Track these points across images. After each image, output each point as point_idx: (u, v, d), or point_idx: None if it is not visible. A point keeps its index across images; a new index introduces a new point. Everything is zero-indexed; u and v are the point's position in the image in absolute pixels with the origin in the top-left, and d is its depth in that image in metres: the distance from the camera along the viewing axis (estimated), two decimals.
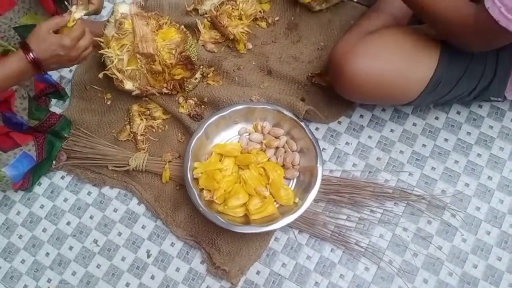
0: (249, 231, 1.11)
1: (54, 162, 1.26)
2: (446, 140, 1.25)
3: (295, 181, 1.20)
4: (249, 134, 1.25)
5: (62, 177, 1.27)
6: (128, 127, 1.28)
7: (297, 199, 1.15)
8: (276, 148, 1.22)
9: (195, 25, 1.37)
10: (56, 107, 1.34)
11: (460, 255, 1.15)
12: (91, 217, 1.23)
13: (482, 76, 1.12)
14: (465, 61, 1.10)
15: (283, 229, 1.17)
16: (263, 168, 1.18)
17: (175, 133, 1.28)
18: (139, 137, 1.26)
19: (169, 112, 1.29)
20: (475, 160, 1.23)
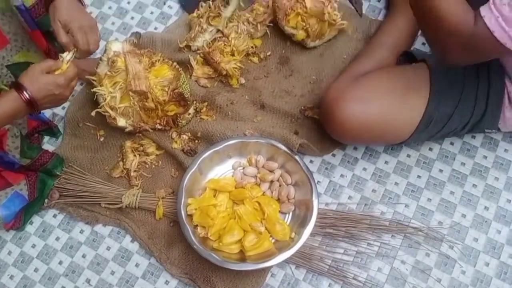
0: (245, 268, 1.08)
1: (46, 200, 1.24)
2: (441, 171, 1.25)
3: (290, 215, 1.19)
4: (243, 168, 1.24)
5: (54, 216, 1.25)
6: (121, 163, 1.27)
7: (293, 234, 1.13)
8: (270, 182, 1.21)
9: (188, 61, 1.37)
10: (48, 144, 1.34)
11: None
12: (84, 256, 1.21)
13: (473, 110, 1.12)
14: (456, 96, 1.11)
15: (280, 264, 1.15)
16: (258, 202, 1.16)
17: (169, 169, 1.27)
18: (133, 174, 1.25)
19: (163, 147, 1.28)
20: (470, 190, 1.23)
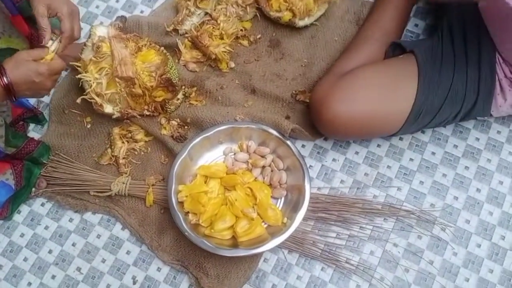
0: (237, 254, 1.07)
1: (33, 189, 1.22)
2: (433, 153, 1.24)
3: (282, 200, 1.18)
4: (235, 154, 1.22)
5: (42, 204, 1.23)
6: (109, 150, 1.25)
7: (286, 219, 1.13)
8: (262, 167, 1.20)
9: (176, 45, 1.34)
10: (34, 132, 1.31)
11: (451, 269, 1.13)
12: (74, 244, 1.19)
13: (464, 99, 1.11)
14: (445, 86, 1.09)
15: (272, 249, 1.14)
16: (249, 188, 1.15)
17: (158, 155, 1.25)
18: (121, 161, 1.23)
19: (151, 134, 1.26)
20: (463, 173, 1.22)
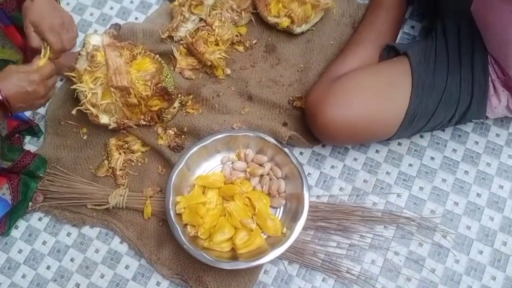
0: (237, 267, 1.06)
1: (30, 203, 1.20)
2: (432, 158, 1.23)
3: (281, 209, 1.16)
4: (232, 162, 1.21)
5: (39, 219, 1.21)
6: (106, 162, 1.23)
7: (285, 229, 1.11)
8: (260, 176, 1.18)
9: (171, 52, 1.32)
10: (30, 144, 1.29)
11: (453, 277, 1.12)
12: (72, 260, 1.18)
13: (458, 101, 1.09)
14: (439, 89, 1.08)
15: (272, 260, 1.13)
16: (248, 198, 1.14)
17: (155, 166, 1.24)
18: (118, 172, 1.22)
19: (148, 144, 1.25)
20: (462, 177, 1.21)
